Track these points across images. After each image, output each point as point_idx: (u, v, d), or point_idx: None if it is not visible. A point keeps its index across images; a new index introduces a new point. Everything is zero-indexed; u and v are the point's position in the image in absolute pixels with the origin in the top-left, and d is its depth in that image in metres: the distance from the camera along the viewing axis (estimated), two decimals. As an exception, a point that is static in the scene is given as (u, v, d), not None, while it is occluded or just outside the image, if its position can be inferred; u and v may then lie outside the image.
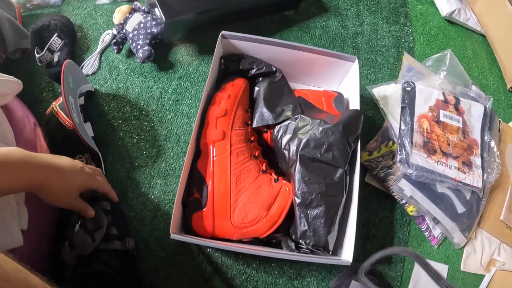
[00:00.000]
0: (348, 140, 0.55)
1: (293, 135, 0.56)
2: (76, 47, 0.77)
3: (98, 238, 0.53)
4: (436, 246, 0.69)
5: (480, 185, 0.68)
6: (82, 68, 0.74)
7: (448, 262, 0.69)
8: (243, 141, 0.56)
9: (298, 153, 0.54)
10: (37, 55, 0.71)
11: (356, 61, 0.64)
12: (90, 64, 0.75)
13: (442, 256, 0.69)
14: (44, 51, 0.71)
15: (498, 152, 0.73)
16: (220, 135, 0.54)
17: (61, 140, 0.63)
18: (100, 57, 0.76)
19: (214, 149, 0.54)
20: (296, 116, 0.58)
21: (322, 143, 0.54)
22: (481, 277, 0.69)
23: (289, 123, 0.58)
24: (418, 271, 0.66)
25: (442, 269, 0.68)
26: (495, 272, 0.69)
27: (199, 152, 0.56)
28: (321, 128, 0.54)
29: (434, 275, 0.42)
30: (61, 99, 0.65)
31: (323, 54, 0.65)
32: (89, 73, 0.74)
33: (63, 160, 0.47)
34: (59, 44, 0.73)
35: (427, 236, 0.69)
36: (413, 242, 0.68)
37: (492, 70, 0.93)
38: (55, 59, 0.73)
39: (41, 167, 0.43)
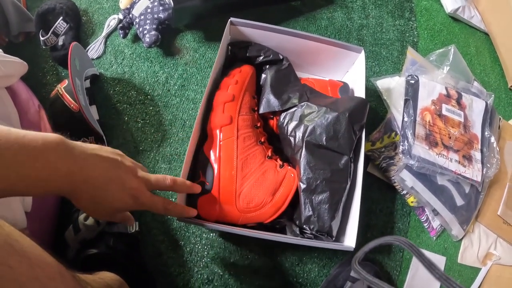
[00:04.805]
0: (354, 128, 0.55)
1: (299, 122, 0.57)
2: (81, 31, 0.77)
3: (103, 222, 0.53)
4: (434, 238, 0.70)
5: (479, 179, 0.69)
6: (87, 52, 0.74)
7: (445, 254, 0.70)
8: (249, 127, 0.56)
9: (304, 140, 0.55)
10: (41, 38, 0.70)
11: (363, 51, 0.65)
12: (95, 48, 0.75)
13: (440, 247, 0.70)
14: (49, 34, 0.71)
15: (497, 148, 0.74)
16: (228, 119, 0.54)
17: (66, 122, 0.63)
18: (105, 41, 0.76)
19: (221, 133, 0.54)
20: (302, 104, 0.59)
21: (328, 130, 0.54)
22: (478, 270, 0.71)
23: (295, 110, 0.59)
24: (416, 261, 0.67)
25: (439, 260, 0.69)
26: (491, 266, 0.71)
27: (206, 136, 0.56)
28: (327, 116, 0.55)
29: (428, 264, 0.43)
30: (66, 81, 0.64)
31: (330, 44, 0.65)
32: (94, 57, 0.74)
33: (107, 175, 0.38)
34: (64, 28, 0.72)
35: (426, 227, 0.70)
36: (412, 232, 0.69)
37: (494, 68, 0.94)
38: (60, 43, 0.72)
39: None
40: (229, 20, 0.62)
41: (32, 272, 0.28)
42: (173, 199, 0.63)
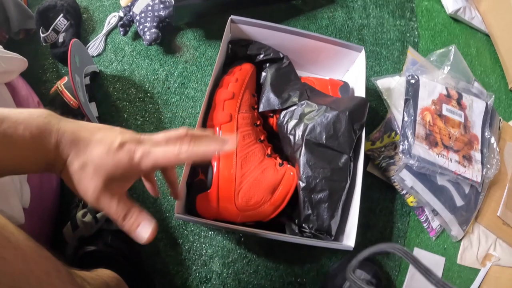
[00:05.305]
0: (354, 127, 0.55)
1: (299, 121, 0.57)
2: (81, 28, 0.77)
3: (102, 220, 0.53)
4: (434, 238, 0.70)
5: (479, 179, 0.69)
6: (87, 49, 0.74)
7: (445, 254, 0.70)
8: (249, 125, 0.56)
9: (304, 138, 0.55)
10: (42, 35, 0.70)
11: (363, 51, 0.65)
12: (95, 46, 0.75)
13: (440, 248, 0.70)
14: (50, 31, 0.71)
15: (497, 149, 0.74)
16: (227, 117, 0.54)
17: (65, 119, 0.63)
18: (106, 39, 0.76)
19: (221, 131, 0.54)
20: (302, 102, 0.58)
21: (328, 129, 0.54)
22: (477, 271, 0.70)
23: (295, 108, 0.58)
24: (416, 262, 0.67)
25: (439, 261, 0.69)
26: (490, 266, 0.70)
27: (205, 134, 0.56)
28: (327, 114, 0.55)
29: (424, 270, 0.42)
30: (66, 78, 0.64)
31: (330, 42, 0.65)
32: (94, 55, 0.74)
33: (97, 133, 0.32)
34: (64, 25, 0.72)
35: (425, 227, 0.70)
36: (412, 232, 0.69)
37: (494, 69, 0.94)
38: (60, 40, 0.72)
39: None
40: (230, 18, 0.62)
41: (27, 266, 0.28)
42: (172, 197, 0.63)
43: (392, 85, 0.76)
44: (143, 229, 0.32)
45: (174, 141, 0.34)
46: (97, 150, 0.32)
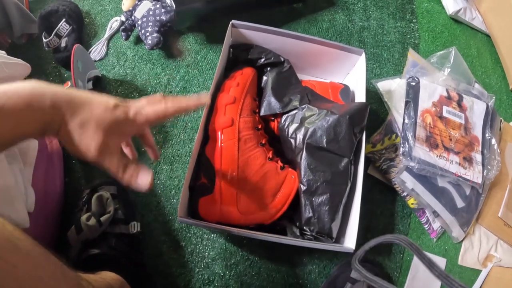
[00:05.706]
0: (354, 131, 0.56)
1: (300, 125, 0.57)
2: (83, 33, 0.78)
3: (106, 223, 0.54)
4: (435, 239, 0.70)
5: (480, 181, 0.69)
6: (89, 54, 0.74)
7: (446, 255, 0.70)
8: (250, 129, 0.56)
9: (305, 142, 0.55)
10: (44, 40, 0.71)
11: (363, 54, 0.65)
12: (97, 50, 0.75)
13: (441, 249, 0.70)
14: (52, 36, 0.71)
15: (498, 150, 0.74)
16: (229, 121, 0.55)
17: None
18: (108, 43, 0.77)
19: (223, 135, 0.54)
20: (303, 106, 0.59)
21: (329, 133, 0.55)
22: (478, 272, 0.71)
23: (296, 112, 0.59)
24: (417, 263, 0.67)
25: (440, 262, 0.69)
26: (491, 267, 0.71)
27: (207, 138, 0.56)
28: (328, 118, 0.55)
29: (428, 262, 0.43)
30: (69, 83, 0.65)
31: (331, 46, 0.65)
32: (97, 59, 0.75)
33: (90, 95, 0.36)
34: (67, 30, 0.73)
35: (426, 229, 0.70)
36: (413, 234, 0.70)
37: (495, 70, 0.94)
38: (63, 44, 0.73)
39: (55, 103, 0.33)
40: (231, 22, 0.63)
41: (35, 272, 0.28)
42: (175, 200, 0.64)
43: (393, 87, 0.76)
44: (143, 177, 0.37)
45: (158, 101, 0.40)
46: (96, 109, 0.35)
